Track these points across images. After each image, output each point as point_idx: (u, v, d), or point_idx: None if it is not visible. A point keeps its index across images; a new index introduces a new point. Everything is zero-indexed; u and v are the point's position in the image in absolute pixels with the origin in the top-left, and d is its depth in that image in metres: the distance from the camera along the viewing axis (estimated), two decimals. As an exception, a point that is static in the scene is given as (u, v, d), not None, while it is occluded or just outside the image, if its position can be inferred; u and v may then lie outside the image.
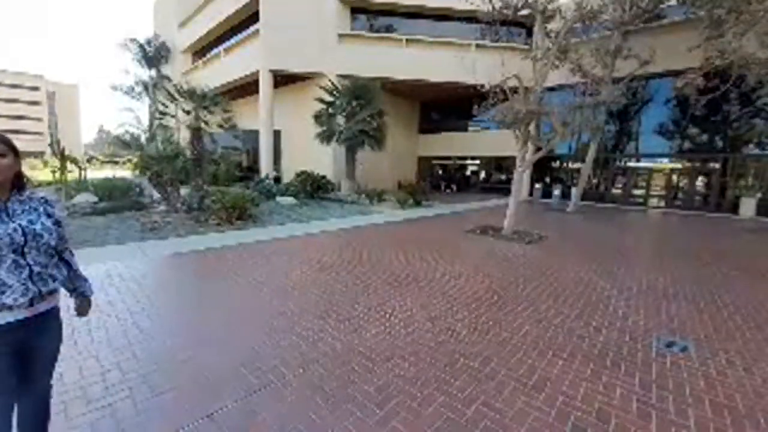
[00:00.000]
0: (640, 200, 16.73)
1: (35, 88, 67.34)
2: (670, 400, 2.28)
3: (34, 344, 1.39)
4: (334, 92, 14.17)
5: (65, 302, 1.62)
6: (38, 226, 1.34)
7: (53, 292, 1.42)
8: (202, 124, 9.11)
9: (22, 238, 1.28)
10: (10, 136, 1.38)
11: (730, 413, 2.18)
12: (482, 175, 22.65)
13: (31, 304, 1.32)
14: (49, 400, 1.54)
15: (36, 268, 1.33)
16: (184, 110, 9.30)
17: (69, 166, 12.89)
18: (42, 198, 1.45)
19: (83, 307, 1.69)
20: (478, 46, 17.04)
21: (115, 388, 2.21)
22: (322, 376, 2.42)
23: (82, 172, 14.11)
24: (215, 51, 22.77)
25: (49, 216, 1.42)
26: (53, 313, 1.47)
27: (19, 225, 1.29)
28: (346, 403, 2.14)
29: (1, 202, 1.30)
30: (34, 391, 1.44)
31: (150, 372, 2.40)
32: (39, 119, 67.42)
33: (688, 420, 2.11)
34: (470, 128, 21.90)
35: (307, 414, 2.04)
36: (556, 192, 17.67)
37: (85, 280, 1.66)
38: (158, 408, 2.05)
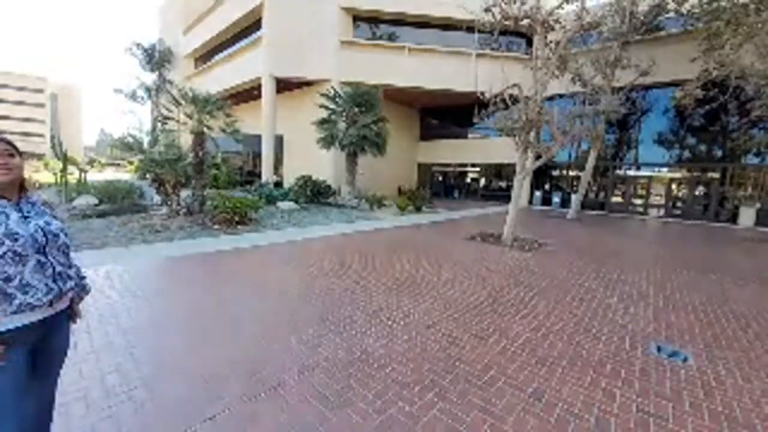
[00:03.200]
0: (640, 209, 16.79)
1: (38, 90, 67.71)
2: (668, 408, 2.29)
3: (48, 342, 1.41)
4: (336, 98, 14.28)
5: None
6: (54, 227, 1.38)
7: (69, 291, 1.44)
8: (205, 129, 9.16)
9: (44, 239, 1.31)
10: (11, 138, 1.40)
11: (728, 422, 2.19)
12: (482, 182, 22.75)
13: (51, 303, 1.34)
14: (55, 397, 1.55)
15: (58, 268, 1.36)
16: (186, 114, 9.36)
17: (70, 168, 12.93)
18: (44, 202, 1.49)
19: (80, 298, 1.63)
20: (479, 55, 17.21)
21: (115, 391, 2.22)
22: (321, 381, 2.42)
23: (83, 175, 14.17)
24: (219, 56, 22.98)
25: (55, 218, 1.46)
26: (66, 312, 1.50)
27: (39, 225, 1.32)
28: (345, 408, 2.15)
29: (13, 203, 1.32)
30: (43, 388, 1.45)
31: (150, 375, 2.40)
32: (41, 121, 67.71)
33: (687, 428, 2.11)
34: (470, 135, 22.05)
35: (306, 419, 2.04)
36: (556, 199, 17.78)
37: (83, 276, 1.65)
38: (158, 411, 2.05)
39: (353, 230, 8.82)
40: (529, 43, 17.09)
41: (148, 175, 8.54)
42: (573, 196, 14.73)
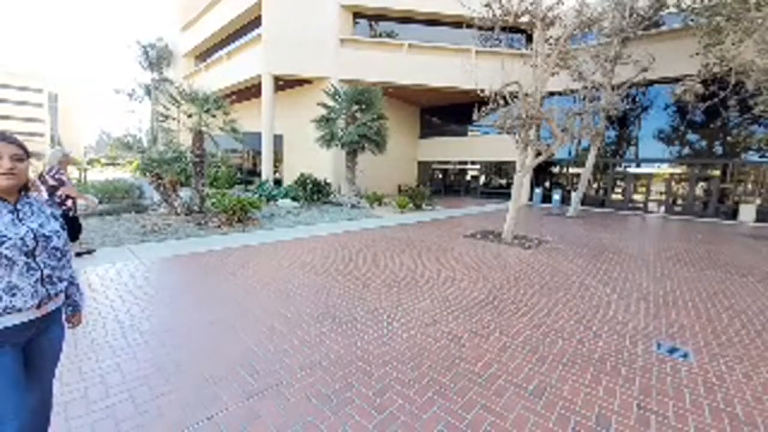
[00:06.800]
0: (640, 205, 16.77)
1: (37, 90, 67.59)
2: (669, 406, 2.28)
3: (40, 342, 1.41)
4: (335, 96, 14.24)
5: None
6: (48, 230, 1.36)
7: (60, 293, 1.44)
8: (204, 128, 9.14)
9: (34, 242, 1.30)
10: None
11: (729, 419, 2.19)
12: (482, 179, 22.73)
13: (39, 305, 1.34)
14: (52, 397, 1.55)
15: (46, 271, 1.35)
16: (186, 113, 9.34)
17: (70, 168, 12.93)
18: (47, 201, 1.48)
19: (76, 317, 1.66)
20: (478, 51, 17.16)
21: (114, 390, 2.21)
22: (321, 379, 2.42)
23: (83, 174, 14.16)
24: (217, 55, 22.93)
25: (55, 219, 1.45)
26: (58, 312, 1.49)
27: (30, 228, 1.31)
28: (345, 407, 2.14)
29: (11, 204, 1.31)
30: (39, 387, 1.44)
31: (150, 374, 2.40)
32: (40, 121, 67.63)
33: (688, 425, 2.11)
34: (470, 133, 22.02)
35: (306, 417, 2.04)
36: (556, 197, 17.76)
37: (79, 288, 1.66)
38: (158, 410, 2.05)
39: (352, 228, 8.81)
40: (529, 39, 17.04)
41: (147, 175, 8.54)
42: (573, 194, 14.70)
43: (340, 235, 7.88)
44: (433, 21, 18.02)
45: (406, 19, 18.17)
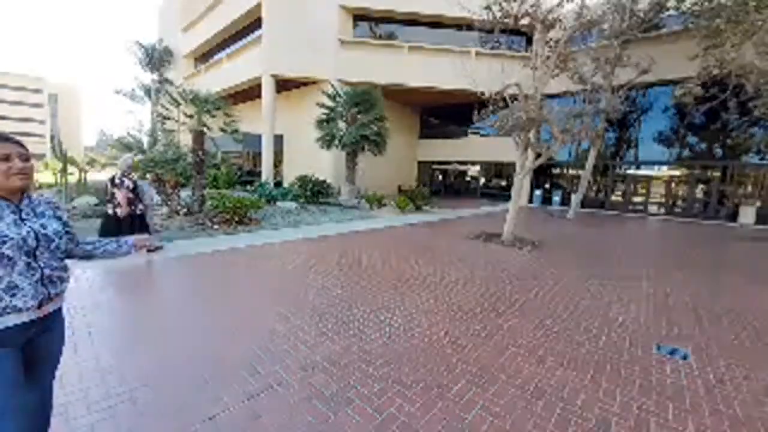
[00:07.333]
0: (640, 207, 16.79)
1: (37, 91, 67.65)
2: (669, 407, 2.29)
3: (40, 343, 1.41)
4: (336, 97, 14.26)
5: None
6: (50, 230, 1.37)
7: (60, 294, 1.44)
8: (204, 128, 9.15)
9: (35, 242, 1.30)
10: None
11: (729, 420, 2.19)
12: (482, 180, 22.73)
13: (40, 306, 1.33)
14: (52, 398, 1.55)
15: (47, 271, 1.35)
16: (186, 114, 9.35)
17: (70, 168, 12.91)
18: (49, 201, 1.48)
19: (140, 241, 1.73)
20: (478, 53, 17.19)
21: (115, 391, 2.21)
22: (321, 380, 2.42)
23: (83, 175, 14.14)
24: (218, 56, 22.97)
25: (58, 219, 1.45)
26: (58, 313, 1.49)
27: (32, 228, 1.32)
28: (345, 408, 2.14)
29: (13, 205, 1.32)
30: (39, 388, 1.44)
31: (151, 374, 2.40)
32: (41, 121, 67.67)
33: (687, 427, 2.11)
34: (470, 134, 22.03)
35: (306, 418, 2.04)
36: (556, 198, 17.78)
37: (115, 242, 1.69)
38: (159, 410, 2.05)
39: (353, 230, 8.82)
40: (529, 41, 17.06)
41: (148, 175, 8.54)
42: (573, 195, 14.72)
43: (339, 237, 7.89)
44: (434, 23, 18.04)
45: (408, 21, 18.19)
